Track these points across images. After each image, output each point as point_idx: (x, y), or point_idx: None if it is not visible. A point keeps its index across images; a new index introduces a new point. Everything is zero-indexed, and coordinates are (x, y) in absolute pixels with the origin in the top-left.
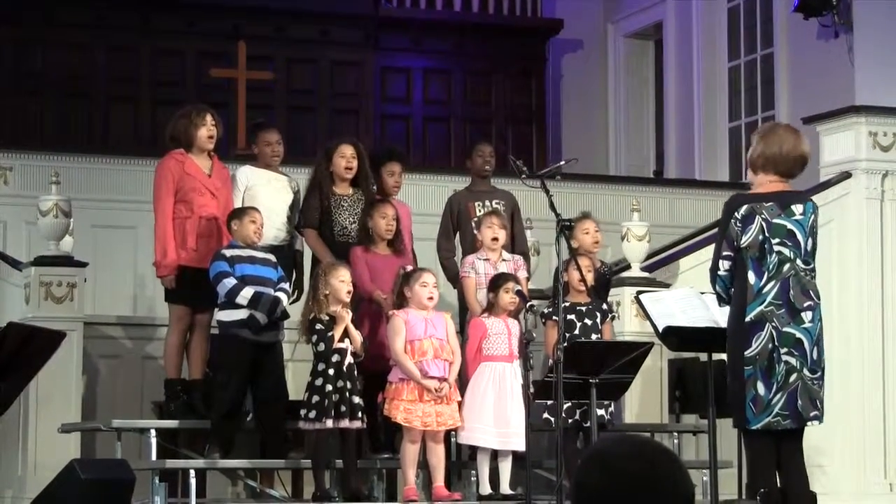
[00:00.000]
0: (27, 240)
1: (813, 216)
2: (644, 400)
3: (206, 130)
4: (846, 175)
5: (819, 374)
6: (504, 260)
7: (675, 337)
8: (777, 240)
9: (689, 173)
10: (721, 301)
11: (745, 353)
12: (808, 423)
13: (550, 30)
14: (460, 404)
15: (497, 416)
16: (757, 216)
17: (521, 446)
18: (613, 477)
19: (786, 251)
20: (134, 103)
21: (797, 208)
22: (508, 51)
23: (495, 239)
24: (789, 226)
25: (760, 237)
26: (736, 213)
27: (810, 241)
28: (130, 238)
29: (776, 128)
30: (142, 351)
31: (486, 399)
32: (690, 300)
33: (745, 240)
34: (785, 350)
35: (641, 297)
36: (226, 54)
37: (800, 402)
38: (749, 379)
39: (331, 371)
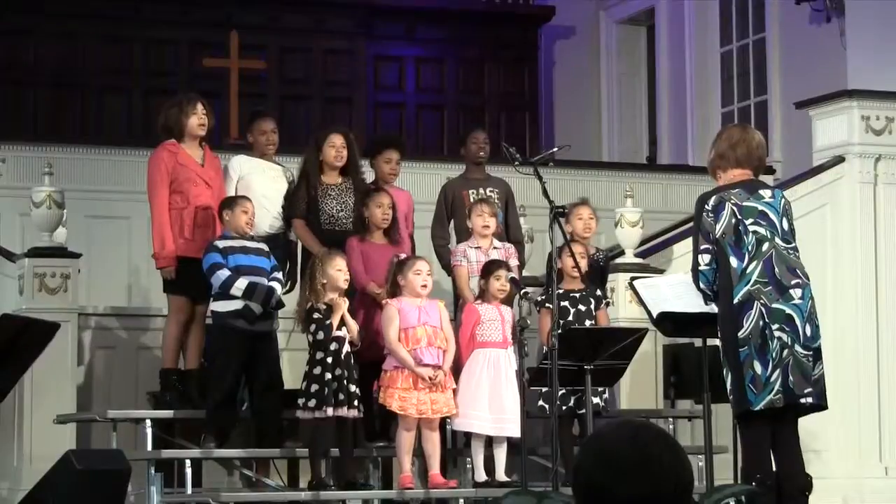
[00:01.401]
0: (21, 231)
1: (784, 200)
2: (639, 386)
3: (197, 119)
4: (839, 159)
5: (811, 352)
6: (495, 248)
7: (669, 322)
8: (750, 220)
9: (683, 159)
10: (707, 299)
11: (738, 334)
12: (802, 401)
13: (542, 17)
14: (455, 392)
15: (492, 403)
16: (726, 202)
17: (515, 432)
18: (609, 463)
19: (762, 230)
20: (126, 93)
21: (765, 192)
22: (501, 38)
23: (486, 227)
24: (760, 207)
25: (733, 220)
26: (706, 205)
27: (785, 221)
28: (124, 228)
29: (724, 129)
30: (137, 341)
31: (481, 385)
32: (684, 286)
33: (720, 228)
34: (776, 326)
35: (635, 283)
36: (218, 44)
37: (791, 378)
38: (745, 360)
39: (329, 360)
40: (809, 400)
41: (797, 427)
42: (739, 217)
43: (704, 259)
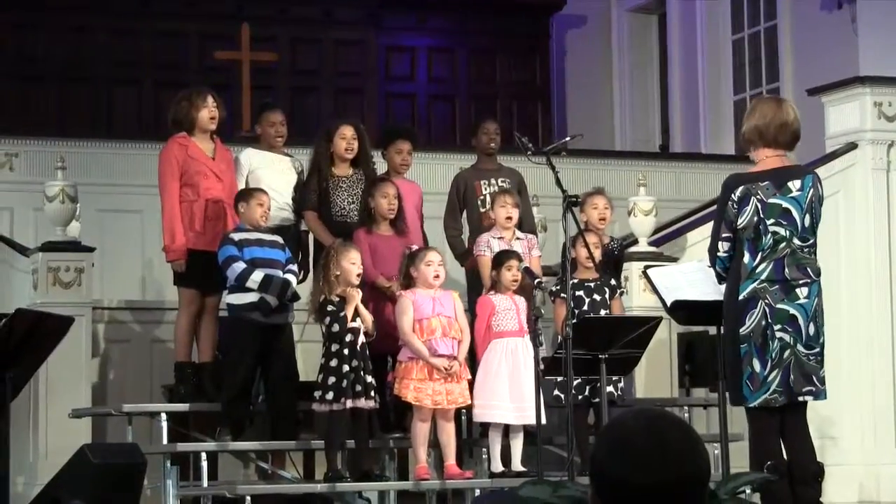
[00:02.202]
0: (34, 225)
1: (812, 189)
2: (654, 374)
3: (208, 112)
4: (852, 146)
5: (816, 350)
6: (518, 238)
7: (683, 311)
8: (772, 220)
9: (695, 147)
10: (721, 280)
11: (740, 331)
12: (800, 399)
13: (554, 6)
14: (470, 382)
15: (512, 391)
16: (752, 197)
17: (533, 420)
18: (625, 452)
19: (781, 231)
20: (137, 87)
21: (794, 184)
22: (512, 28)
23: (509, 218)
24: (785, 204)
25: (755, 219)
26: (732, 195)
27: (808, 217)
28: (137, 222)
29: (758, 102)
30: (151, 334)
31: (500, 375)
32: (698, 274)
33: (741, 221)
34: (778, 327)
35: (649, 271)
36: (229, 36)
37: (792, 377)
38: (745, 356)
39: (345, 351)
40: (809, 398)
41: (805, 415)
42: (762, 216)
43: (724, 247)
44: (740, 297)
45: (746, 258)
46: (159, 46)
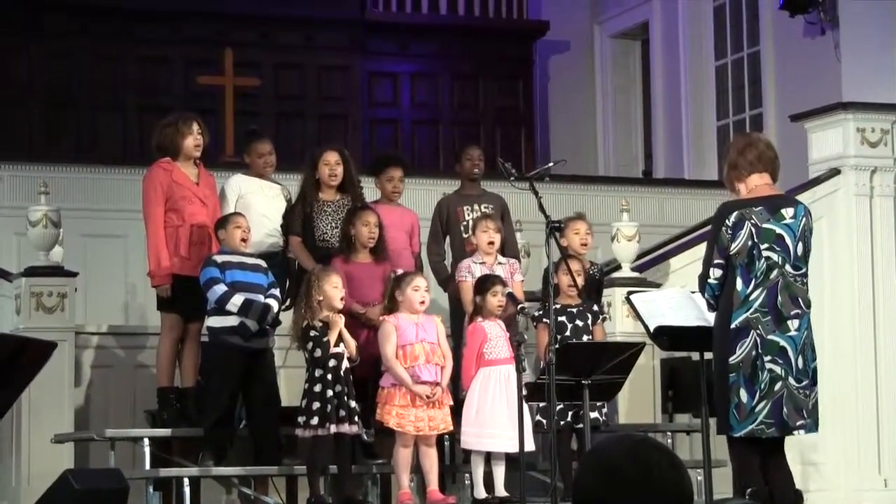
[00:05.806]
0: (17, 251)
1: (805, 219)
2: (637, 400)
3: (193, 139)
4: (835, 172)
5: (805, 382)
6: (500, 263)
7: (666, 337)
8: (765, 245)
9: (678, 173)
10: (711, 308)
11: (730, 359)
12: (794, 433)
13: (537, 31)
14: (452, 408)
15: (511, 419)
16: (746, 222)
17: (531, 447)
18: (609, 477)
19: (774, 256)
20: (121, 112)
21: (787, 212)
22: (495, 53)
23: (491, 243)
24: (778, 230)
25: (749, 243)
26: (727, 221)
27: (801, 245)
28: (120, 247)
29: (729, 143)
30: (134, 360)
31: (497, 403)
32: (681, 300)
33: (735, 246)
34: (769, 358)
35: (632, 297)
36: (212, 61)
37: (785, 410)
38: (732, 386)
39: (329, 376)
40: (802, 431)
41: (784, 446)
42: (756, 241)
43: (716, 273)
44: (732, 326)
45: (739, 286)
46: (143, 71)
